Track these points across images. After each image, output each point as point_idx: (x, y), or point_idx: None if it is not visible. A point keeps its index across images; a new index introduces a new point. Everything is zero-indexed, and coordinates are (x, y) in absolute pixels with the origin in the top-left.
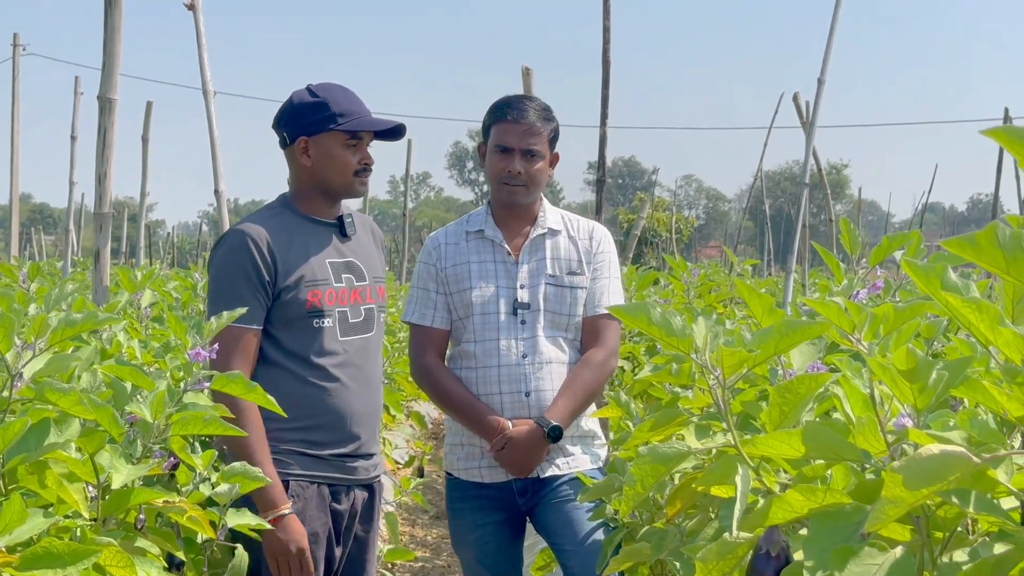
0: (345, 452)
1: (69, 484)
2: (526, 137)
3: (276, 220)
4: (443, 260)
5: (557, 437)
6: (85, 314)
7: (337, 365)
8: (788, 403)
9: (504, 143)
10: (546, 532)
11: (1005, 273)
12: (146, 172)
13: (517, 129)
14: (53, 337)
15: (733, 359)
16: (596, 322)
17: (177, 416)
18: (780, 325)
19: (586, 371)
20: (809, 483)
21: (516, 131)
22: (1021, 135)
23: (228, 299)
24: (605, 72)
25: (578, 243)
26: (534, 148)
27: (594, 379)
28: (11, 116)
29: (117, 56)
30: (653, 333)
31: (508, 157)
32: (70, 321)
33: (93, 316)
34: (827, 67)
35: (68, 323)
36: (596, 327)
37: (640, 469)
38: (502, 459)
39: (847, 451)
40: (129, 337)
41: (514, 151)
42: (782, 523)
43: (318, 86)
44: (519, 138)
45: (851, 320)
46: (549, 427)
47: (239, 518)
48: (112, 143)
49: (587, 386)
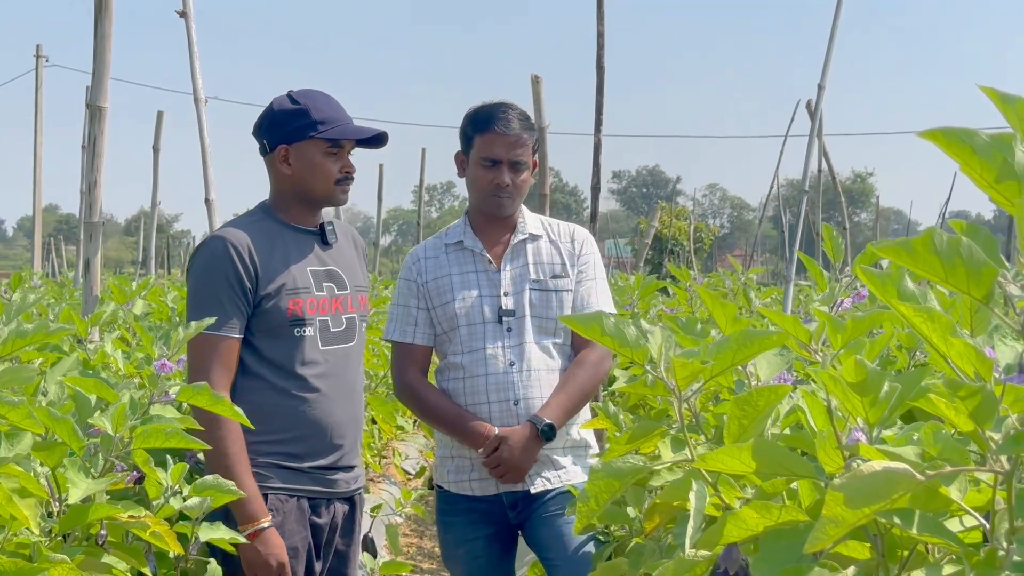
0: (325, 464)
1: (20, 499)
2: (514, 149)
3: (257, 226)
4: (424, 274)
5: (551, 436)
6: (35, 325)
7: (318, 375)
8: (747, 416)
9: (493, 155)
10: (536, 547)
11: (943, 281)
12: (157, 182)
13: (505, 141)
14: (3, 348)
15: (685, 370)
16: None
17: (140, 429)
18: (738, 335)
19: (580, 371)
20: (769, 499)
21: (504, 143)
22: (959, 137)
23: (208, 307)
24: (600, 78)
25: (560, 246)
26: (521, 159)
27: (588, 379)
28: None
29: (107, 64)
30: (607, 343)
31: (496, 170)
32: (20, 332)
33: (43, 327)
34: (827, 73)
35: (19, 334)
36: None
37: (594, 485)
38: (496, 462)
39: (799, 466)
40: (114, 348)
41: (503, 163)
42: (739, 541)
43: (299, 92)
44: (507, 150)
45: (807, 330)
46: (543, 425)
47: (213, 532)
48: (102, 152)
49: (581, 386)
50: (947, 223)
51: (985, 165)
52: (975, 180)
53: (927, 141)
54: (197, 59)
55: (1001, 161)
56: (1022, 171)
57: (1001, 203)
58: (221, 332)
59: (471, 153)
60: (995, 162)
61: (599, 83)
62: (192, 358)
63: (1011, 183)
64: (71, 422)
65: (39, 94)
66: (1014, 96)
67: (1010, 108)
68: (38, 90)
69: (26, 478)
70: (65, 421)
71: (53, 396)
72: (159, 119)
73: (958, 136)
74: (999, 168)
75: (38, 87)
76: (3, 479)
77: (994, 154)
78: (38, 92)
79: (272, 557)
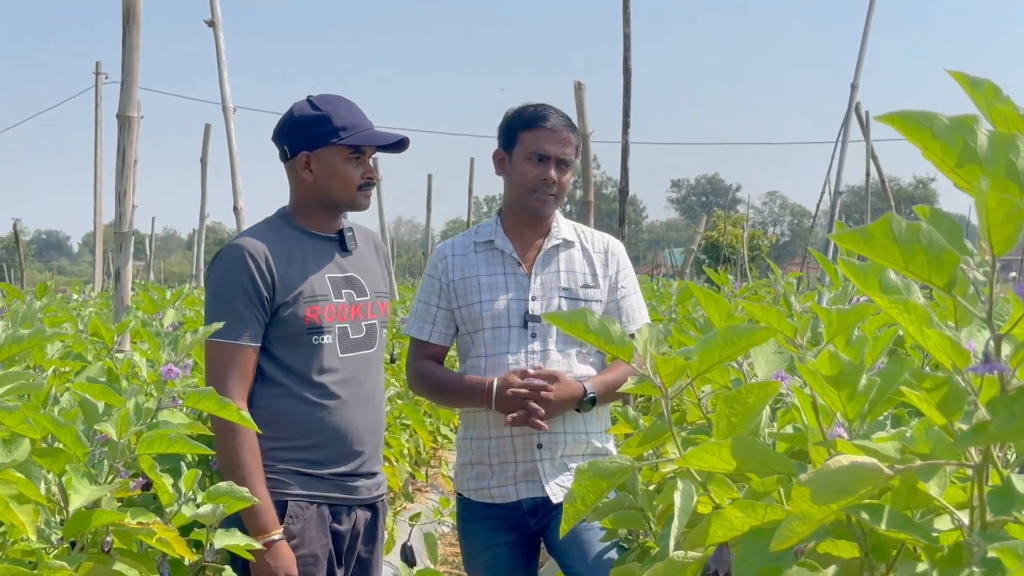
0: (346, 471)
1: (18, 506)
2: (563, 146)
3: (275, 234)
4: (450, 272)
5: (587, 408)
6: (33, 330)
7: (337, 382)
8: (736, 414)
9: (542, 151)
10: (557, 554)
11: (903, 269)
12: (205, 194)
13: (555, 137)
14: (0, 354)
15: (668, 367)
16: None
17: (145, 435)
18: (724, 331)
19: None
20: (760, 498)
21: (554, 139)
22: (917, 120)
23: (224, 316)
24: (626, 80)
25: (592, 256)
26: (568, 158)
27: None
28: (94, 144)
29: (135, 74)
30: (591, 341)
31: (544, 165)
32: (16, 337)
33: (39, 331)
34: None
35: (15, 339)
36: None
37: (580, 485)
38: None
39: (779, 464)
40: (140, 357)
41: (551, 159)
42: (726, 541)
43: (319, 98)
44: (556, 146)
45: (792, 325)
46: (590, 394)
47: (228, 538)
48: (131, 162)
49: (628, 375)
50: None
51: (946, 149)
52: (937, 164)
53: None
54: (225, 68)
55: (962, 144)
56: (984, 154)
57: (964, 187)
58: (238, 341)
59: (515, 149)
60: (956, 146)
61: (626, 85)
62: (209, 367)
63: (972, 167)
64: (74, 428)
65: (99, 111)
66: (982, 79)
67: (978, 92)
68: (98, 107)
69: (24, 484)
70: (68, 427)
71: (65, 403)
72: (207, 132)
73: (916, 119)
74: (960, 152)
75: (98, 104)
76: (1, 485)
77: (955, 137)
78: (97, 109)
79: (282, 570)
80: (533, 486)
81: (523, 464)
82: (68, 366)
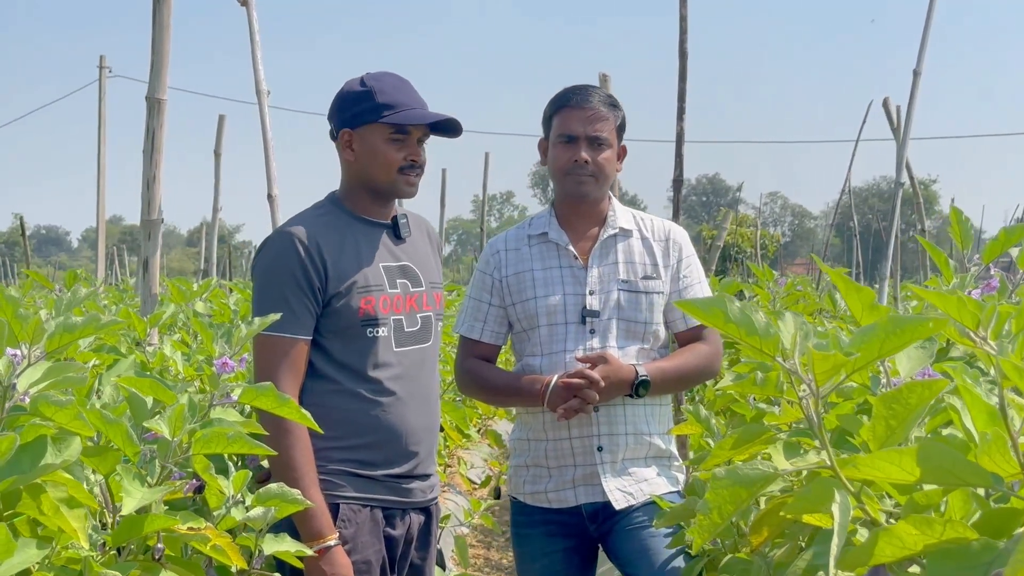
0: (400, 472)
1: (68, 510)
2: (592, 123)
3: (325, 220)
4: (503, 268)
5: (641, 394)
6: (86, 318)
7: (392, 378)
8: (896, 416)
9: (569, 131)
10: (619, 561)
11: None
12: (218, 187)
13: (581, 115)
14: (50, 343)
15: (826, 364)
16: (697, 333)
17: (199, 433)
18: (885, 323)
19: (691, 355)
20: (922, 512)
21: (580, 117)
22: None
23: (275, 307)
24: (682, 64)
25: (652, 245)
26: (601, 135)
27: (695, 366)
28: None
29: (166, 55)
30: (731, 332)
31: (573, 146)
32: (69, 326)
33: (94, 320)
34: (924, 56)
35: (67, 328)
36: (697, 337)
37: (717, 495)
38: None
39: (973, 475)
40: (173, 350)
41: (579, 139)
42: (890, 561)
43: (370, 75)
44: (584, 124)
45: (975, 315)
46: (642, 377)
47: (278, 544)
48: (161, 146)
49: (688, 368)
50: None
51: None
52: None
53: None
54: (259, 49)
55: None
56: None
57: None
58: (289, 334)
59: (550, 135)
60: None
61: (681, 70)
62: (258, 361)
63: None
64: (125, 425)
65: (102, 105)
66: None
67: None
68: (101, 101)
69: (75, 487)
70: (119, 424)
71: (107, 399)
72: (220, 123)
73: None
74: None
75: (101, 98)
76: (50, 488)
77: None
78: (101, 103)
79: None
80: (593, 490)
81: (582, 467)
82: (101, 359)
